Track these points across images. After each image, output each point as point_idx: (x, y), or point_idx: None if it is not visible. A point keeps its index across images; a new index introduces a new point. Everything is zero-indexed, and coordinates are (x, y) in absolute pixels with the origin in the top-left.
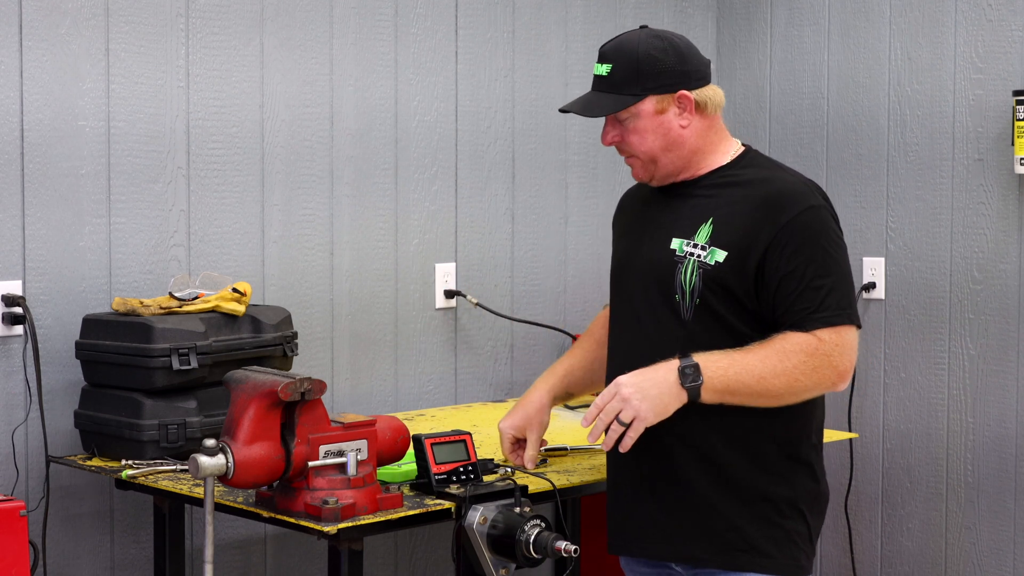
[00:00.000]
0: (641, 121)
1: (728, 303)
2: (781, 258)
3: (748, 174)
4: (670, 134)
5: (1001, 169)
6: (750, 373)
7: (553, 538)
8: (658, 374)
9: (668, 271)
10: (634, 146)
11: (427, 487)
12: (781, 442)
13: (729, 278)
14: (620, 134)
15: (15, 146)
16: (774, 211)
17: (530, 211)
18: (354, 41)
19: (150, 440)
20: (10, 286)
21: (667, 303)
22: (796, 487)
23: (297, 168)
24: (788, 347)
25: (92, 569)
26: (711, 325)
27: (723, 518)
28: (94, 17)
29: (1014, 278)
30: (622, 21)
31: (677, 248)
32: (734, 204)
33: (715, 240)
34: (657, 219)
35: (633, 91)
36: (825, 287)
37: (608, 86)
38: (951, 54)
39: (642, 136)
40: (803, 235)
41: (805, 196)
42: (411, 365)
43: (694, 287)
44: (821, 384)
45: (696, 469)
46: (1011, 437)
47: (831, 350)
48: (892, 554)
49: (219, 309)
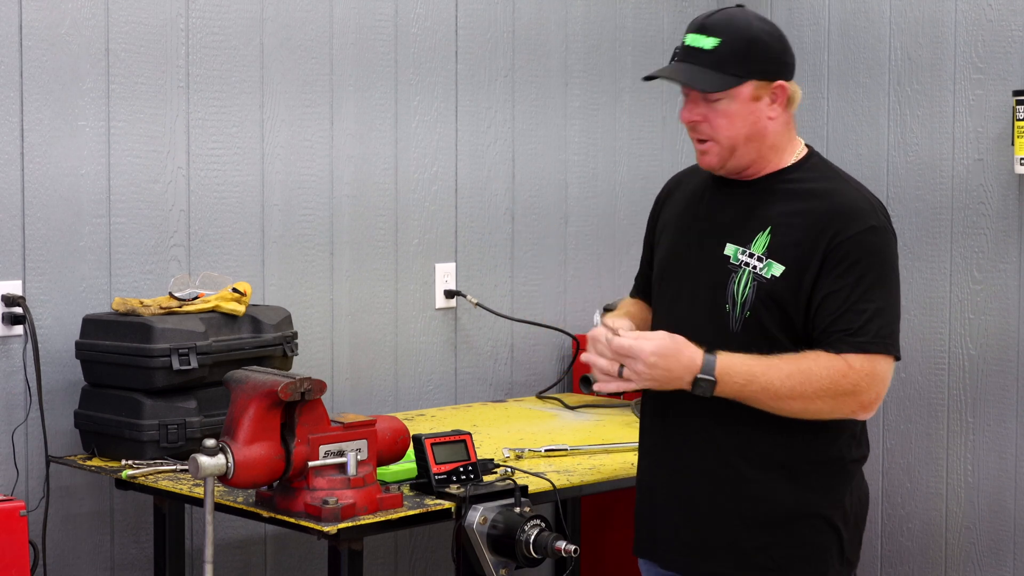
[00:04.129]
0: (735, 105)
1: (779, 319)
2: (831, 275)
3: (810, 183)
4: (757, 124)
5: (1001, 169)
6: (767, 391)
7: (553, 538)
8: (679, 371)
9: (720, 279)
10: (720, 130)
11: (427, 487)
12: (823, 457)
13: (784, 294)
14: (705, 114)
15: (15, 146)
16: (834, 227)
17: (530, 211)
18: (354, 43)
19: (150, 440)
20: (10, 286)
21: (715, 312)
22: (832, 503)
23: (297, 167)
24: (815, 370)
25: (92, 569)
26: (757, 339)
27: (751, 537)
28: (93, 18)
29: (1014, 278)
30: (622, 21)
31: (731, 255)
32: (795, 215)
33: (772, 252)
34: (711, 218)
35: (738, 72)
36: (868, 312)
37: (711, 62)
38: (951, 54)
39: (731, 120)
40: (857, 254)
41: (867, 214)
42: (411, 365)
43: (746, 300)
44: (839, 411)
45: (726, 484)
46: (1011, 437)
47: (859, 379)
48: (892, 554)
49: (219, 309)
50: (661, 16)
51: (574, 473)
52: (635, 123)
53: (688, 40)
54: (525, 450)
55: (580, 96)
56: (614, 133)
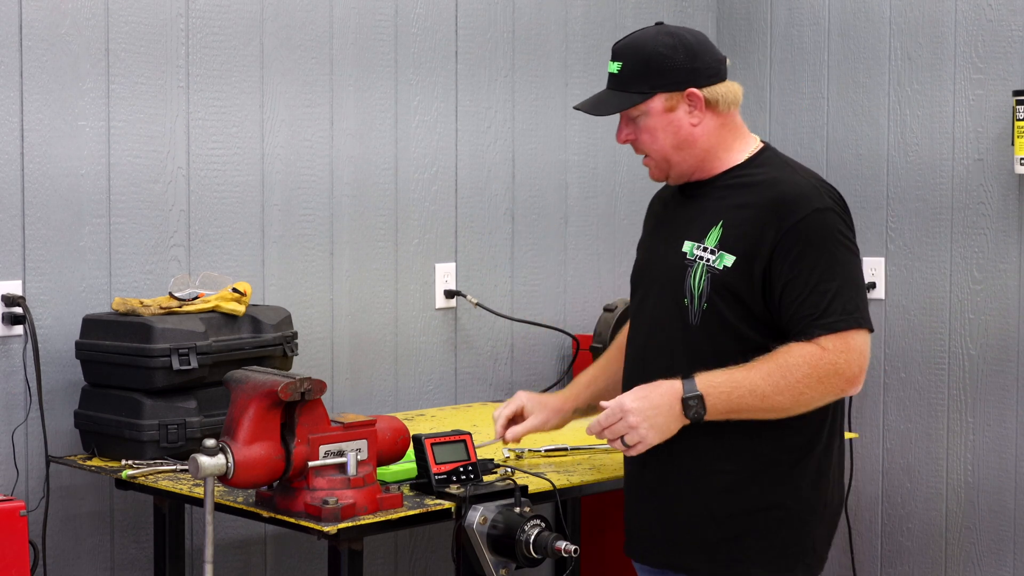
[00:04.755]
0: (651, 119)
1: (736, 308)
2: (785, 263)
3: (759, 175)
4: (680, 132)
5: (1001, 169)
6: (753, 393)
7: (553, 538)
8: (664, 400)
9: (679, 274)
10: (646, 145)
11: (427, 487)
12: (789, 449)
13: (737, 283)
14: (633, 132)
15: (15, 146)
16: (779, 214)
17: (530, 211)
18: (353, 43)
19: (150, 440)
20: (10, 286)
21: (676, 307)
22: (800, 496)
23: (297, 168)
24: (791, 361)
25: (92, 569)
26: (717, 331)
27: (720, 529)
28: (94, 19)
29: (1014, 278)
30: (622, 21)
31: (688, 251)
32: (743, 207)
33: (724, 244)
34: (673, 221)
35: (641, 89)
36: (830, 291)
37: (619, 84)
38: (951, 54)
39: (653, 135)
40: (808, 239)
41: (811, 198)
42: (411, 365)
43: (702, 291)
44: (829, 393)
45: (697, 479)
46: (1011, 437)
47: (836, 358)
48: (892, 554)
49: (219, 309)
50: (661, 16)
51: (574, 473)
52: None
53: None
54: (525, 450)
55: (580, 96)
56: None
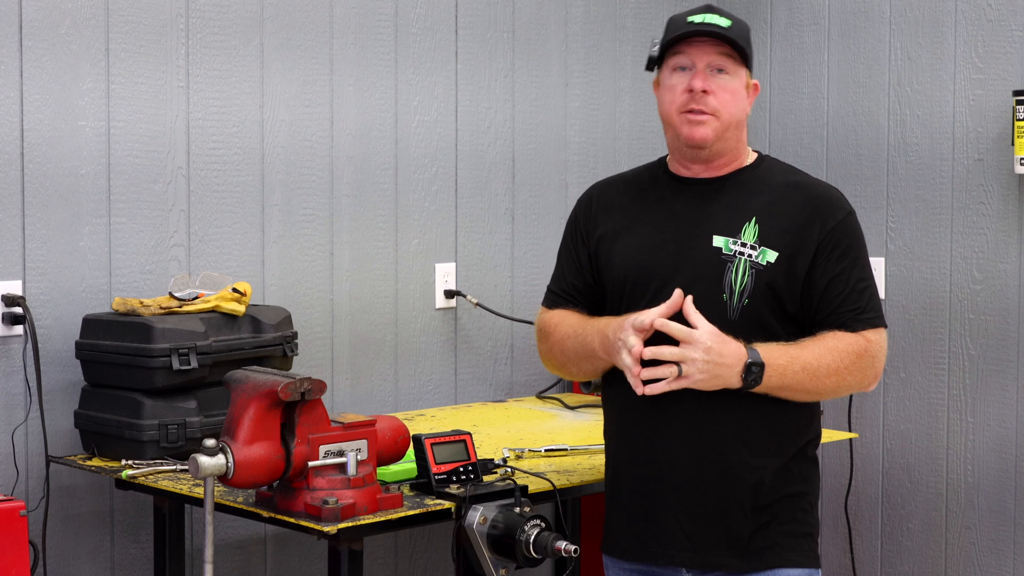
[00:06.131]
0: (736, 83)
1: (773, 304)
2: (830, 260)
3: (779, 177)
4: (743, 112)
5: (1001, 169)
6: (806, 371)
7: (553, 538)
8: (733, 357)
9: (715, 270)
10: (725, 105)
11: (427, 487)
12: (804, 439)
13: (779, 279)
14: (714, 89)
15: (15, 146)
16: (823, 214)
17: (530, 211)
18: (354, 42)
19: (150, 440)
20: (10, 286)
21: (711, 303)
22: (811, 484)
23: (297, 168)
24: (841, 346)
25: (92, 569)
26: (754, 327)
27: (749, 523)
28: (94, 18)
29: (1014, 278)
30: (622, 21)
31: (723, 246)
32: (776, 205)
33: (763, 240)
34: (685, 216)
35: (746, 53)
36: (867, 290)
37: (730, 33)
38: (951, 54)
39: (735, 97)
40: (849, 239)
41: (843, 202)
42: (411, 365)
43: (745, 287)
44: (861, 384)
45: (724, 476)
46: (1011, 437)
47: (876, 351)
48: (892, 554)
49: (219, 309)
50: (661, 16)
51: (574, 473)
52: (635, 123)
53: (705, 18)
54: (525, 450)
55: (580, 96)
56: (614, 133)
